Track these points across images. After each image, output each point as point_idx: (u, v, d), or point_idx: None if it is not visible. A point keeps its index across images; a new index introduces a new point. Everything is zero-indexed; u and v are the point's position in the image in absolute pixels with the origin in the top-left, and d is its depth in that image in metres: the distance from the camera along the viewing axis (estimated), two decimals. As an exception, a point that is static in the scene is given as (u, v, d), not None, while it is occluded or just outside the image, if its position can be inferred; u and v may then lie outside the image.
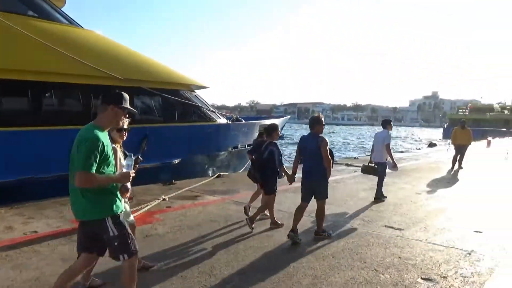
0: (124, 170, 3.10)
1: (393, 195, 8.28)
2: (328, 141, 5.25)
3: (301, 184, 5.33)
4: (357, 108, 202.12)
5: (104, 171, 2.88)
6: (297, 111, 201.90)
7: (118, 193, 3.04)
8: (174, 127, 10.27)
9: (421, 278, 4.11)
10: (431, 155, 18.51)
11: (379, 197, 7.81)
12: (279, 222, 5.87)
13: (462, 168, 13.15)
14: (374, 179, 8.12)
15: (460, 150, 13.16)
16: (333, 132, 73.60)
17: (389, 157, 7.89)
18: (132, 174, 3.05)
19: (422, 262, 4.58)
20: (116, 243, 2.93)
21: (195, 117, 11.52)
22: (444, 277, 4.15)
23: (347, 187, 9.31)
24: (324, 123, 5.32)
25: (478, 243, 5.32)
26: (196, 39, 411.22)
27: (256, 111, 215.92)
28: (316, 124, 5.21)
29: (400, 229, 5.85)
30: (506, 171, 13.26)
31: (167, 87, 10.28)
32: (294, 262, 4.51)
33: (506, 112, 65.25)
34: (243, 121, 14.31)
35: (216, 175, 10.53)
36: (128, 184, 3.14)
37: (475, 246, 5.16)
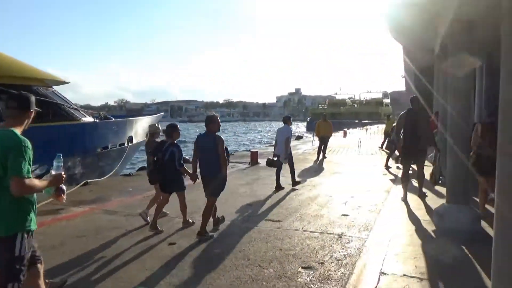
0: (54, 172, 2.91)
1: (270, 188, 8.58)
2: (224, 140, 5.39)
3: (202, 182, 5.43)
4: (229, 105, 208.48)
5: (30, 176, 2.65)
6: (170, 110, 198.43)
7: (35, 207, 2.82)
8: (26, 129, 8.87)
9: (302, 268, 4.25)
10: (299, 147, 19.95)
11: (292, 184, 8.76)
12: (191, 221, 5.86)
13: (326, 157, 14.46)
14: (251, 174, 8.29)
15: (323, 141, 14.47)
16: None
17: (286, 150, 8.58)
18: (64, 175, 2.93)
19: (301, 251, 4.75)
20: (17, 266, 2.62)
21: (53, 116, 10.23)
22: (322, 263, 4.36)
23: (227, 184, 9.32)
24: (219, 122, 5.42)
25: (346, 226, 5.80)
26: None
27: (126, 111, 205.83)
28: (211, 123, 5.31)
29: (278, 221, 6.04)
30: (360, 159, 15.02)
31: (16, 83, 8.88)
32: (179, 269, 4.24)
33: (356, 106, 74.88)
34: (113, 119, 13.26)
35: (82, 183, 9.48)
36: (63, 186, 2.98)
37: (344, 229, 5.61)
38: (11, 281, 2.59)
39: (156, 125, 7.03)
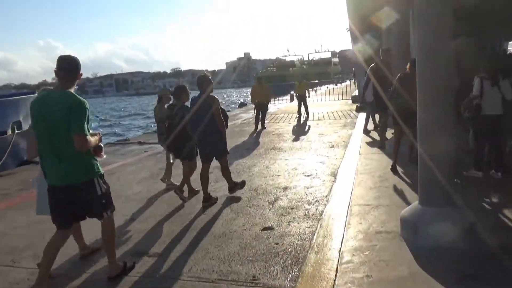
0: (92, 131, 3.11)
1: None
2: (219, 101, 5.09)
3: (198, 147, 5.29)
4: (177, 74, 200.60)
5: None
6: (114, 83, 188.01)
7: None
8: None
9: None
10: (239, 115, 17.68)
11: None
12: (196, 189, 5.58)
13: (265, 128, 12.29)
14: (156, 165, 5.93)
15: (260, 108, 12.19)
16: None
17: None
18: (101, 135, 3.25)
19: None
20: (103, 201, 3.14)
21: None
22: None
23: (120, 180, 6.89)
24: (212, 82, 5.11)
25: (267, 254, 3.66)
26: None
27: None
28: (205, 83, 5.03)
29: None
30: (305, 127, 12.97)
31: None
32: None
33: (304, 67, 73.28)
34: None
35: None
36: (102, 144, 3.23)
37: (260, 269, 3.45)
38: (105, 210, 3.18)
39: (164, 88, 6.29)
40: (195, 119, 4.98)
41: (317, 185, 5.66)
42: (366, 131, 9.81)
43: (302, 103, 14.47)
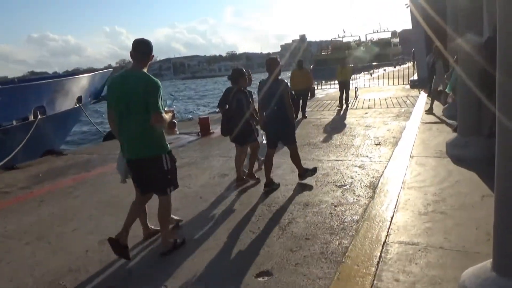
0: (166, 108, 3.28)
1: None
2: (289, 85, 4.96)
3: (265, 131, 5.18)
4: (232, 57, 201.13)
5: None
6: (172, 67, 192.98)
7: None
8: None
9: None
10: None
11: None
12: (256, 176, 5.48)
13: (306, 117, 10.95)
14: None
15: (300, 97, 10.81)
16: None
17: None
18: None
19: None
20: (169, 176, 3.33)
21: None
22: None
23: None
24: (280, 63, 4.88)
25: None
26: None
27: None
28: (273, 65, 4.83)
29: None
30: (345, 118, 11.44)
31: None
32: None
33: (362, 48, 69.41)
34: None
35: None
36: (175, 120, 3.41)
37: None
38: (168, 186, 3.37)
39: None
40: (263, 102, 4.93)
41: (348, 202, 4.34)
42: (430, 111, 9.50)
43: (344, 91, 12.59)
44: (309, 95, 11.28)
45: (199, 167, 6.57)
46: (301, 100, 10.84)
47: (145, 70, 3.20)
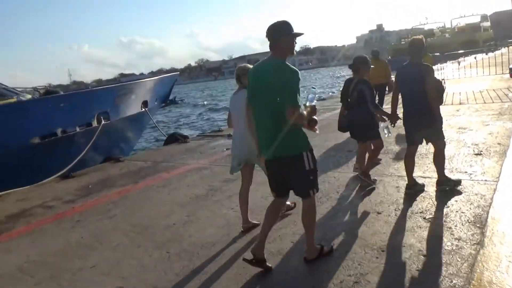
0: (308, 103, 2.88)
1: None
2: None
3: (404, 125, 4.40)
4: (306, 51, 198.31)
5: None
6: (247, 63, 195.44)
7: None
8: None
9: None
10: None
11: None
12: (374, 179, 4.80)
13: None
14: (225, 173, 4.19)
15: (378, 90, 9.28)
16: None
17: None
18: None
19: None
20: (311, 177, 2.94)
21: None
22: None
23: (167, 196, 5.29)
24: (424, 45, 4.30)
25: None
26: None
27: (206, 70, 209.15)
28: (418, 48, 4.24)
29: None
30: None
31: None
32: None
33: (447, 35, 63.48)
34: (61, 93, 9.87)
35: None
36: (315, 117, 2.95)
37: None
38: (311, 188, 2.96)
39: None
40: (403, 92, 4.38)
41: (444, 249, 3.04)
42: None
43: None
44: (386, 89, 9.72)
45: (253, 181, 5.62)
46: (377, 96, 9.37)
47: (281, 58, 2.82)
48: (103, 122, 9.67)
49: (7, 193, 6.74)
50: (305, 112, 2.80)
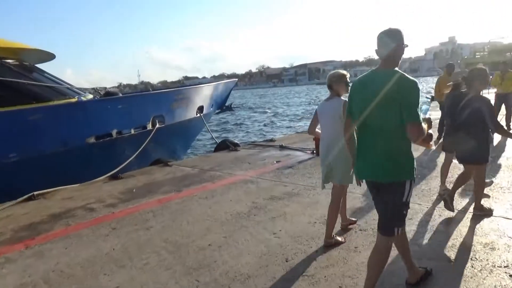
0: (423, 116, 2.51)
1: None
2: None
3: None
4: (370, 62, 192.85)
5: None
6: (307, 72, 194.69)
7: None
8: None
9: None
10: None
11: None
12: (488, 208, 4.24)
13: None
14: (275, 187, 3.77)
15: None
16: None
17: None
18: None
19: None
20: (404, 212, 2.56)
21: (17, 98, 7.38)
22: None
23: (209, 210, 4.93)
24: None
25: None
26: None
27: (266, 76, 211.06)
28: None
29: None
30: None
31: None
32: None
33: (531, 50, 58.15)
34: (120, 95, 9.97)
35: (29, 195, 6.36)
36: (431, 131, 2.68)
37: None
38: (397, 226, 2.57)
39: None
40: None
41: None
42: None
43: (505, 106, 9.51)
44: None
45: (301, 201, 5.09)
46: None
47: (396, 67, 2.53)
48: (157, 125, 9.65)
49: (57, 189, 6.81)
50: (425, 127, 2.46)
